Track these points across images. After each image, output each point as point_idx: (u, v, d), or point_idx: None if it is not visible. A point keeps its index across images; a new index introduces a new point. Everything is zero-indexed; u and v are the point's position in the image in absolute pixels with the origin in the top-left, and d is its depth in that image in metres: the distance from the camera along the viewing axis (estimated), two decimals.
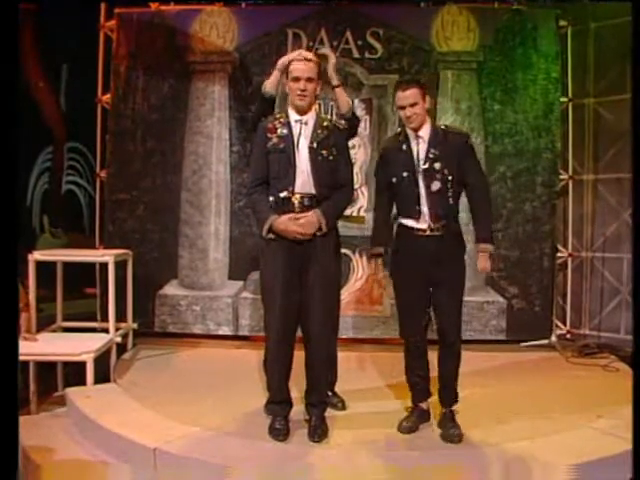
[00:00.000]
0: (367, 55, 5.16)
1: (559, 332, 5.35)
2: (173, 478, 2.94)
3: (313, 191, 3.16)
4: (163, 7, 5.32)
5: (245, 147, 5.23)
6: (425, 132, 3.19)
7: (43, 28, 6.08)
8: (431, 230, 3.15)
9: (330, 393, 3.59)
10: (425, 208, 3.15)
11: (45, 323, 4.63)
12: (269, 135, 3.23)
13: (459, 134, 3.31)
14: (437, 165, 3.14)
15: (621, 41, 5.18)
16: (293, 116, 3.25)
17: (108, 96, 5.36)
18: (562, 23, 5.29)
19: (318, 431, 3.16)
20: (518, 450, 2.99)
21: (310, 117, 3.25)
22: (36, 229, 8.16)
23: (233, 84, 5.27)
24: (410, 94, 3.11)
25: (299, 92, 3.19)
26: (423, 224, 3.16)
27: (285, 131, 3.21)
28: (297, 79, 3.20)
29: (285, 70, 3.32)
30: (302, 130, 3.21)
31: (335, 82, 3.54)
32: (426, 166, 3.14)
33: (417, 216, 3.16)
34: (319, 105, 3.41)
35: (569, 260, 5.47)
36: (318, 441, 3.12)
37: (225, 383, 4.08)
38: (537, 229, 5.20)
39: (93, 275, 5.26)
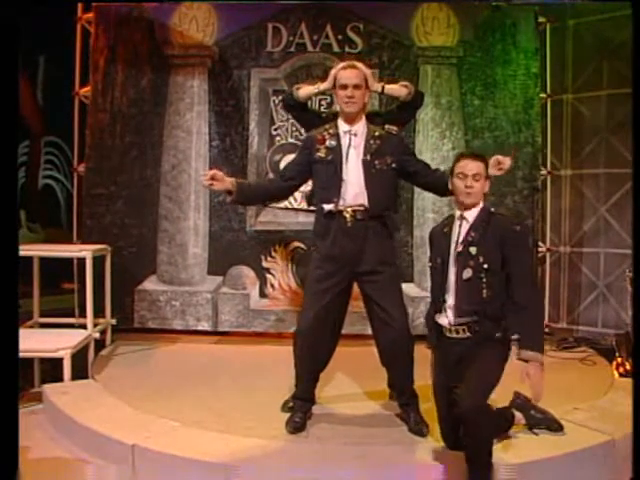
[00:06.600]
0: (347, 49, 5.14)
1: None
2: (152, 474, 2.93)
3: (366, 204, 3.14)
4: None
5: (225, 142, 5.21)
6: (472, 214, 2.84)
7: (19, 19, 5.99)
8: (457, 331, 2.78)
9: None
10: (451, 300, 2.79)
11: (22, 319, 4.58)
12: (317, 146, 3.21)
13: (508, 219, 2.92)
14: (473, 250, 2.75)
15: (599, 38, 5.25)
16: (342, 127, 3.22)
17: (86, 89, 5.28)
18: (541, 20, 5.32)
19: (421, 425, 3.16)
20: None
21: (359, 127, 3.21)
22: None
23: (213, 78, 5.23)
24: (475, 166, 2.83)
25: (346, 99, 3.16)
26: (444, 319, 2.81)
27: (333, 142, 3.20)
28: (344, 86, 3.17)
29: (333, 83, 3.26)
30: (352, 141, 3.18)
31: (379, 88, 3.39)
32: (460, 249, 2.78)
33: (440, 309, 2.83)
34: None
35: (547, 255, 5.52)
36: (425, 435, 3.10)
37: (204, 379, 4.06)
38: None
39: (71, 270, 5.19)
